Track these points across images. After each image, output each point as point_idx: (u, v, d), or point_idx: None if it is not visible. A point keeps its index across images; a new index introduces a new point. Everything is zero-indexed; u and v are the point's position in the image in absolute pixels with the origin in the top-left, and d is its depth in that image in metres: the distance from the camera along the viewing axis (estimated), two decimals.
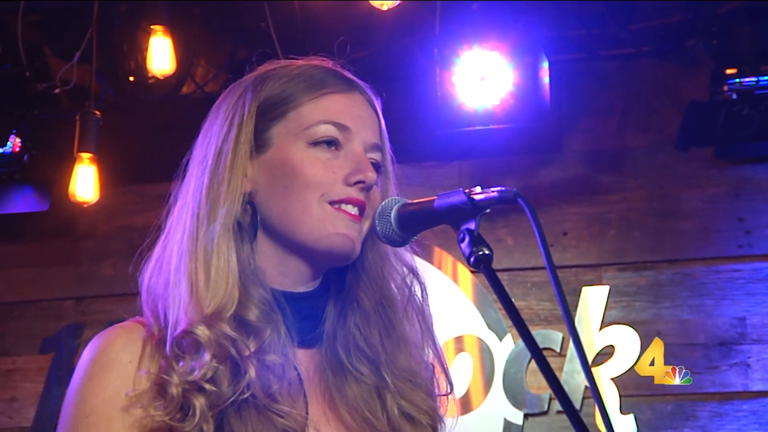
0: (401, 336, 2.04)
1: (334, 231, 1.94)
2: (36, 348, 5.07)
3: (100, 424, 1.89)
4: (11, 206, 4.92)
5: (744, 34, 4.41)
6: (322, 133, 1.97)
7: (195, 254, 1.94)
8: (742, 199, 4.71)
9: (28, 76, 4.73)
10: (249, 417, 1.88)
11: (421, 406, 2.03)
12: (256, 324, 1.91)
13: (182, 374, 1.87)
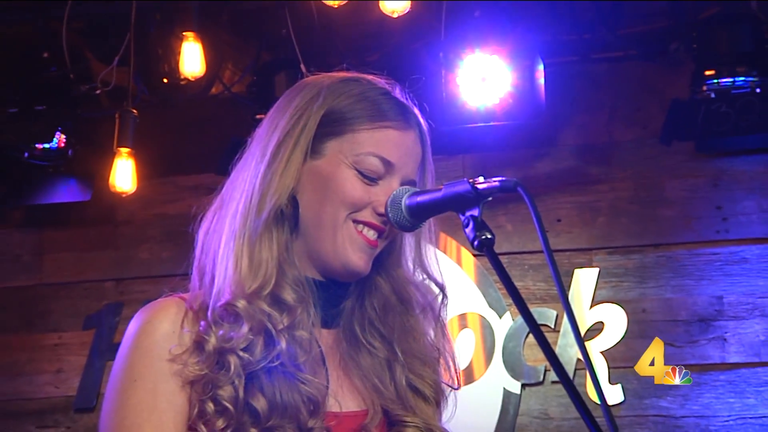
0: (415, 323, 2.05)
1: (351, 252, 1.96)
2: (80, 324, 5.08)
3: (147, 386, 1.91)
4: (57, 196, 4.93)
5: (721, 38, 4.40)
6: (369, 164, 1.98)
7: (242, 238, 1.95)
8: (720, 188, 4.70)
9: (71, 78, 4.72)
10: (277, 381, 1.90)
11: (427, 380, 2.04)
12: (291, 303, 1.94)
13: (219, 338, 1.89)
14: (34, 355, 5.10)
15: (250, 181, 1.99)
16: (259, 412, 1.88)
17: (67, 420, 5.02)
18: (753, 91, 4.35)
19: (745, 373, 4.57)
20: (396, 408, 2.00)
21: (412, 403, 2.02)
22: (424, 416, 2.02)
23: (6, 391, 5.09)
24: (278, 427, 1.89)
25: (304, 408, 1.90)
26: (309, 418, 1.91)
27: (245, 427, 1.88)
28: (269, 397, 1.89)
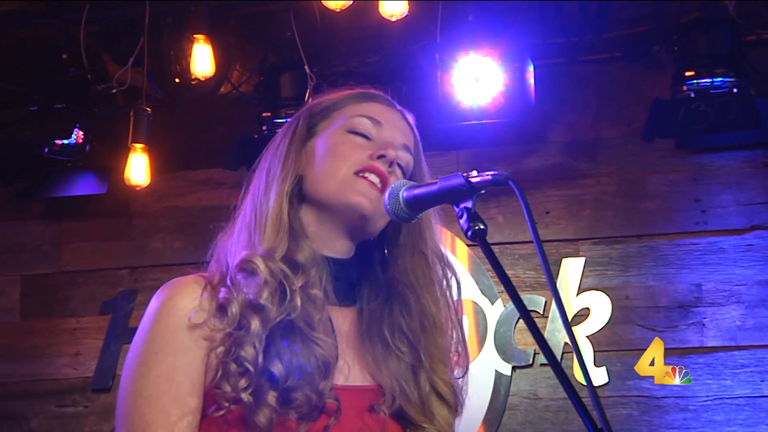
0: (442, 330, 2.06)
1: (353, 191, 1.98)
2: (96, 310, 5.07)
3: (166, 359, 1.91)
4: (75, 189, 4.92)
5: (701, 41, 4.40)
6: (359, 124, 2.03)
7: (255, 212, 1.99)
8: (699, 183, 4.70)
9: (89, 79, 4.72)
10: (293, 340, 1.91)
11: (449, 385, 2.05)
12: (304, 263, 1.95)
13: (240, 301, 1.90)
14: (54, 338, 5.10)
15: (260, 187, 2.04)
16: (277, 377, 1.88)
17: (85, 399, 5.02)
18: (730, 91, 4.35)
19: (722, 356, 4.57)
20: (414, 411, 2.00)
21: (432, 409, 2.01)
22: (442, 421, 2.02)
23: (28, 373, 5.09)
24: (294, 388, 1.88)
25: (317, 371, 1.91)
26: (320, 380, 1.91)
27: (264, 389, 1.88)
28: (286, 362, 1.89)
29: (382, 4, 4.24)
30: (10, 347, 5.13)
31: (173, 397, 1.90)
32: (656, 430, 4.58)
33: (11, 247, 5.20)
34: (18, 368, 5.11)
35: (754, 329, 4.57)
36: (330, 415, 1.91)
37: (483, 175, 1.83)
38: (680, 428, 4.55)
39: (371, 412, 1.96)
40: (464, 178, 1.84)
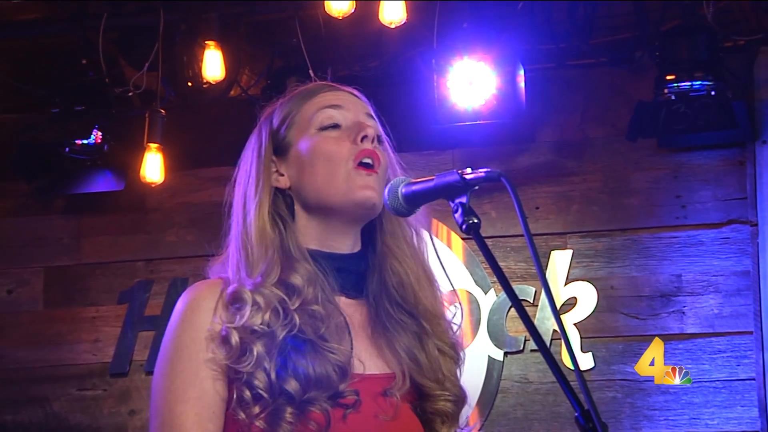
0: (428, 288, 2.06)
1: (354, 186, 1.96)
2: (114, 299, 5.07)
3: (191, 356, 1.92)
4: (94, 186, 4.92)
5: (681, 47, 4.39)
6: (324, 117, 2.01)
7: (239, 235, 1.97)
8: (679, 180, 4.70)
9: (107, 82, 4.72)
10: (306, 354, 1.88)
11: (448, 342, 2.04)
12: (299, 285, 1.92)
13: (240, 330, 1.89)
14: (75, 326, 5.10)
15: (239, 194, 2.02)
16: (293, 394, 1.86)
17: (104, 383, 5.02)
18: (709, 93, 4.35)
19: (701, 342, 4.57)
20: (427, 381, 1.99)
21: (443, 371, 2.01)
22: (451, 377, 2.02)
23: (51, 358, 5.09)
24: (313, 399, 1.87)
25: (335, 375, 1.89)
26: (339, 383, 1.89)
27: (282, 408, 1.87)
28: (301, 376, 1.87)
29: (381, 11, 4.24)
30: (34, 334, 5.13)
31: (199, 389, 1.89)
32: (639, 411, 4.58)
33: (35, 240, 5.20)
34: (41, 354, 5.11)
35: (731, 317, 4.57)
36: (348, 405, 1.90)
37: (477, 172, 1.82)
38: (661, 410, 4.55)
39: (384, 396, 1.95)
40: (459, 174, 1.83)
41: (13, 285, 5.20)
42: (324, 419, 1.87)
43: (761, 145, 4.58)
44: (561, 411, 4.62)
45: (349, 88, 2.09)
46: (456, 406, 2.02)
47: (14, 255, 5.21)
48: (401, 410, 1.95)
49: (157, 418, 1.92)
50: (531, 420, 4.67)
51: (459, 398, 2.02)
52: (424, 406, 1.99)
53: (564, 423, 4.60)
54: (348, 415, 1.89)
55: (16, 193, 5.20)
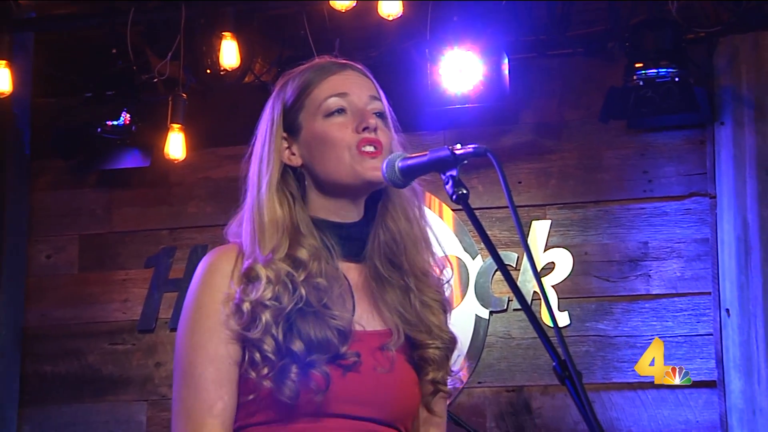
0: (416, 247, 2.03)
1: (362, 169, 1.94)
2: (142, 264, 5.07)
3: (210, 314, 1.91)
4: (123, 163, 4.92)
5: (648, 39, 4.39)
6: (331, 104, 1.98)
7: (252, 209, 1.96)
8: (646, 157, 4.69)
9: (134, 70, 4.71)
10: (309, 321, 1.87)
11: (434, 297, 2.01)
12: (305, 259, 1.90)
13: (251, 301, 1.87)
14: (106, 288, 5.10)
15: (252, 170, 2.00)
16: (297, 354, 1.86)
17: (132, 339, 5.03)
18: (673, 80, 4.34)
19: (665, 302, 4.58)
20: (417, 333, 1.98)
21: (428, 320, 1.99)
22: (440, 325, 2.01)
23: (85, 316, 5.09)
24: (316, 361, 1.86)
25: (336, 339, 1.88)
26: (340, 345, 1.88)
27: (288, 367, 1.86)
28: (305, 339, 1.87)
29: (380, 6, 4.23)
30: (71, 295, 5.13)
31: (216, 342, 1.89)
32: (609, 363, 4.58)
33: (70, 211, 5.19)
34: (77, 313, 5.11)
35: (692, 279, 4.57)
36: (349, 363, 1.90)
37: (465, 148, 1.83)
38: (629, 362, 4.56)
39: (382, 350, 1.94)
40: (449, 150, 1.83)
41: (51, 251, 5.20)
42: (324, 380, 1.86)
43: (719, 126, 4.58)
44: (540, 363, 4.63)
45: (358, 65, 2.06)
46: (445, 352, 2.00)
47: (52, 224, 5.21)
48: (397, 362, 1.95)
49: (180, 369, 1.92)
50: (513, 371, 4.68)
51: (448, 344, 2.01)
52: (416, 355, 1.98)
53: (543, 374, 4.62)
54: (348, 373, 1.89)
55: (54, 170, 5.19)
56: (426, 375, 1.98)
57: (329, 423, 1.88)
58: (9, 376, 5.03)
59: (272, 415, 1.88)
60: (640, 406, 4.54)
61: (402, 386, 1.95)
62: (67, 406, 5.05)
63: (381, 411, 1.92)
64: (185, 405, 1.89)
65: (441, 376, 1.99)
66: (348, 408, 1.89)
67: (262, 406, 1.88)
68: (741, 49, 4.56)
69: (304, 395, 1.85)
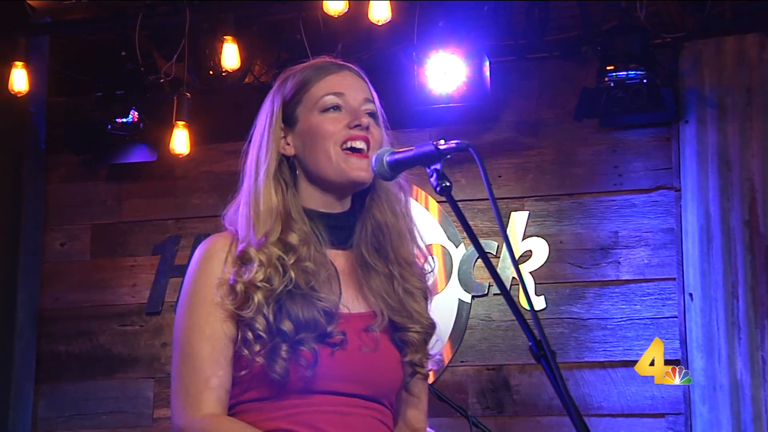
0: (402, 239, 2.01)
1: (348, 168, 1.92)
2: (149, 251, 5.06)
3: (206, 297, 1.90)
4: (132, 158, 4.90)
5: (619, 43, 4.38)
6: (326, 101, 1.96)
7: (248, 195, 1.94)
8: (617, 153, 4.69)
9: (142, 71, 4.69)
10: (298, 302, 1.86)
11: (416, 285, 2.00)
12: (295, 244, 1.89)
13: (245, 282, 1.86)
14: (116, 273, 5.09)
15: (251, 160, 1.98)
16: (287, 333, 1.84)
17: (140, 320, 5.02)
18: (641, 81, 4.34)
19: (633, 287, 4.58)
20: (399, 317, 1.96)
21: (410, 306, 1.98)
22: (421, 311, 1.99)
23: (97, 299, 5.08)
24: (304, 339, 1.85)
25: (323, 319, 1.87)
26: (327, 325, 1.87)
27: (278, 345, 1.85)
28: (294, 319, 1.85)
29: (370, 11, 4.22)
30: (83, 280, 5.12)
31: (211, 323, 1.88)
32: (582, 344, 4.59)
33: (83, 202, 5.18)
34: (89, 296, 5.10)
35: (658, 266, 4.57)
36: (336, 344, 1.89)
37: (449, 143, 1.82)
38: (600, 342, 4.57)
39: (367, 331, 1.93)
40: (434, 145, 1.82)
41: (65, 239, 5.19)
42: (312, 357, 1.85)
43: (684, 124, 4.57)
44: (518, 344, 4.63)
45: (354, 67, 2.04)
46: (423, 336, 1.99)
47: (66, 214, 5.19)
48: (381, 342, 1.94)
49: (178, 348, 1.92)
50: (493, 351, 4.68)
51: (427, 329, 2.00)
52: (397, 337, 1.97)
53: (521, 353, 4.62)
54: (336, 351, 1.88)
55: (67, 164, 5.17)
56: (405, 356, 1.96)
57: (318, 399, 1.87)
58: (26, 355, 5.01)
59: (265, 392, 1.87)
60: (610, 383, 4.55)
61: (386, 364, 1.94)
62: (80, 382, 5.04)
63: (367, 387, 1.91)
64: (183, 382, 1.89)
65: (419, 358, 1.97)
66: (336, 385, 1.88)
67: (255, 383, 1.88)
68: (704, 53, 4.56)
69: (294, 372, 1.85)
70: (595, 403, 4.54)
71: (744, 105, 4.50)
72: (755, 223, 4.42)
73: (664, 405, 4.48)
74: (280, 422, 1.86)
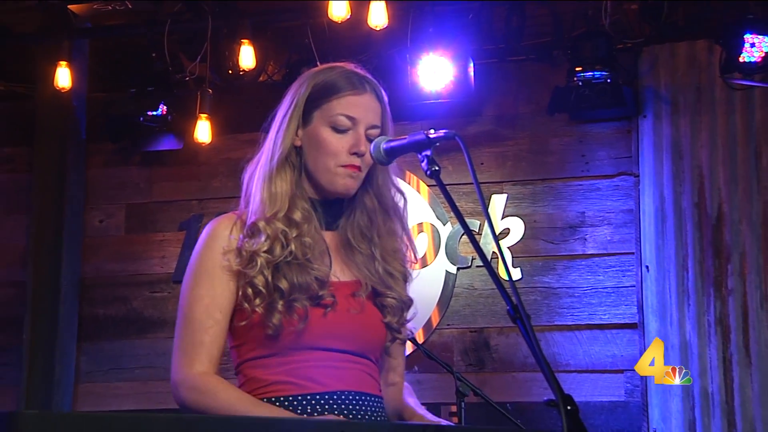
0: (388, 226, 2.00)
1: (338, 183, 1.92)
2: (176, 228, 5.05)
3: (209, 269, 1.89)
4: (161, 146, 4.89)
5: (586, 48, 4.37)
6: (339, 122, 1.93)
7: (263, 176, 1.92)
8: (584, 144, 4.68)
9: (170, 70, 4.67)
10: (294, 269, 1.87)
11: (397, 269, 1.99)
12: (298, 220, 1.89)
13: (251, 247, 1.86)
14: (148, 247, 5.07)
15: (268, 144, 1.96)
16: (283, 290, 1.85)
17: (169, 288, 5.01)
18: (605, 81, 4.33)
19: (597, 260, 4.58)
20: (380, 286, 1.96)
21: (389, 283, 1.97)
22: (399, 290, 1.98)
23: (130, 269, 5.07)
24: (297, 299, 1.85)
25: (315, 284, 1.87)
26: (319, 290, 1.87)
27: (275, 301, 1.85)
28: (289, 280, 1.85)
29: (369, 18, 4.20)
30: (119, 253, 5.11)
31: (214, 291, 1.88)
32: (553, 309, 4.59)
33: (118, 185, 5.16)
34: (124, 266, 5.09)
35: (619, 242, 4.57)
36: (327, 305, 1.89)
37: (438, 132, 1.81)
38: (568, 308, 4.57)
39: (354, 297, 1.93)
40: (425, 134, 1.81)
41: (103, 217, 5.17)
42: (304, 313, 1.86)
43: (642, 118, 4.57)
44: (497, 309, 4.63)
45: (377, 87, 1.98)
46: (400, 305, 1.98)
47: (104, 195, 5.17)
48: (366, 306, 1.94)
49: (181, 313, 1.92)
50: (476, 316, 4.68)
51: (404, 302, 1.99)
52: (378, 301, 1.96)
53: (499, 318, 4.62)
54: (327, 313, 1.89)
55: (105, 151, 5.15)
56: (384, 318, 1.95)
57: (314, 355, 1.87)
58: (69, 317, 5.01)
59: (264, 351, 1.88)
60: (577, 344, 4.55)
61: (371, 324, 1.94)
62: (116, 341, 5.03)
63: (354, 344, 1.91)
64: (182, 342, 1.89)
65: (396, 321, 1.96)
66: (328, 342, 1.88)
67: (257, 343, 1.88)
68: (660, 56, 4.55)
69: (287, 325, 1.85)
70: (563, 361, 4.54)
71: (694, 102, 4.50)
72: (703, 205, 4.43)
73: (623, 362, 4.49)
74: (282, 376, 1.87)
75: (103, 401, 4.97)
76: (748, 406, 4.22)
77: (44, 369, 4.86)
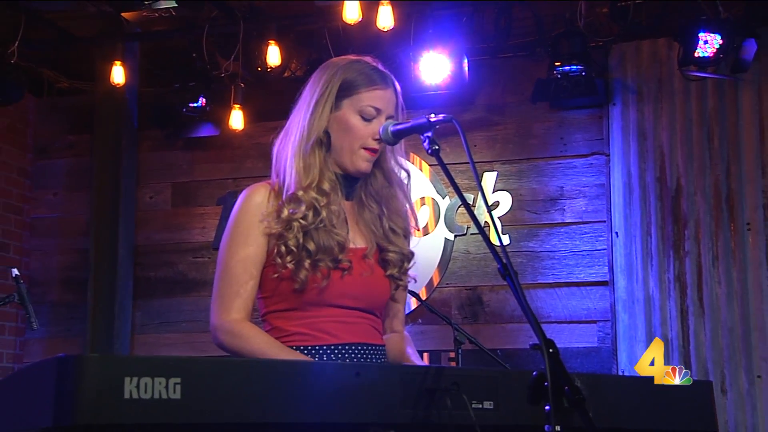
0: (394, 194, 1.98)
1: (358, 163, 1.90)
2: (214, 202, 5.04)
3: (244, 231, 1.88)
4: (200, 132, 4.89)
5: (564, 45, 4.32)
6: (367, 112, 1.90)
7: (299, 153, 1.89)
8: (563, 128, 4.64)
9: (208, 68, 4.64)
10: (321, 234, 1.85)
11: (400, 225, 1.97)
12: (327, 190, 1.87)
13: (289, 212, 1.83)
14: (189, 219, 5.07)
15: (302, 122, 1.91)
16: (311, 251, 1.84)
17: (209, 254, 5.01)
18: (580, 74, 4.30)
19: (574, 228, 4.55)
20: (384, 243, 1.95)
21: (392, 239, 1.95)
22: (400, 245, 1.97)
23: (176, 238, 5.07)
24: (321, 259, 1.84)
25: (336, 248, 1.86)
26: (339, 253, 1.86)
27: (303, 260, 1.84)
28: (316, 242, 1.84)
29: (378, 20, 4.15)
30: (166, 224, 5.10)
31: (246, 250, 1.86)
32: (536, 270, 4.57)
33: (165, 166, 5.15)
34: (171, 236, 5.08)
35: (592, 212, 4.54)
36: (345, 268, 1.88)
37: (438, 116, 1.78)
38: (550, 269, 4.55)
39: (364, 259, 1.92)
40: (426, 118, 1.79)
41: (152, 193, 5.16)
42: (327, 273, 1.86)
43: (612, 106, 4.54)
44: (489, 270, 4.62)
45: (394, 82, 1.96)
46: (401, 257, 1.96)
47: (153, 175, 5.16)
48: (374, 268, 1.93)
49: (219, 267, 1.89)
50: (470, 276, 4.67)
51: (404, 255, 1.97)
52: (381, 257, 1.95)
53: (491, 278, 4.61)
54: (344, 276, 1.89)
55: (154, 137, 5.12)
56: (386, 272, 1.94)
57: (329, 311, 1.87)
58: (125, 279, 5.02)
59: (287, 305, 1.88)
60: (557, 299, 4.54)
61: (378, 284, 1.93)
62: (165, 299, 5.04)
63: (364, 302, 1.91)
64: (220, 292, 1.87)
65: (397, 272, 1.95)
66: (342, 301, 1.88)
67: (282, 298, 1.87)
68: (627, 53, 4.52)
69: (312, 282, 1.85)
70: (545, 314, 4.53)
71: (656, 91, 4.47)
72: (664, 179, 4.41)
73: (596, 314, 4.48)
74: (301, 328, 1.87)
75: (154, 349, 4.99)
76: (701, 350, 4.23)
77: (105, 323, 4.88)
